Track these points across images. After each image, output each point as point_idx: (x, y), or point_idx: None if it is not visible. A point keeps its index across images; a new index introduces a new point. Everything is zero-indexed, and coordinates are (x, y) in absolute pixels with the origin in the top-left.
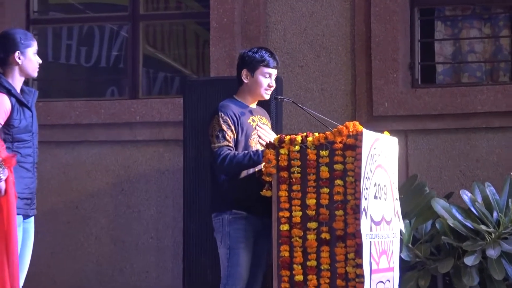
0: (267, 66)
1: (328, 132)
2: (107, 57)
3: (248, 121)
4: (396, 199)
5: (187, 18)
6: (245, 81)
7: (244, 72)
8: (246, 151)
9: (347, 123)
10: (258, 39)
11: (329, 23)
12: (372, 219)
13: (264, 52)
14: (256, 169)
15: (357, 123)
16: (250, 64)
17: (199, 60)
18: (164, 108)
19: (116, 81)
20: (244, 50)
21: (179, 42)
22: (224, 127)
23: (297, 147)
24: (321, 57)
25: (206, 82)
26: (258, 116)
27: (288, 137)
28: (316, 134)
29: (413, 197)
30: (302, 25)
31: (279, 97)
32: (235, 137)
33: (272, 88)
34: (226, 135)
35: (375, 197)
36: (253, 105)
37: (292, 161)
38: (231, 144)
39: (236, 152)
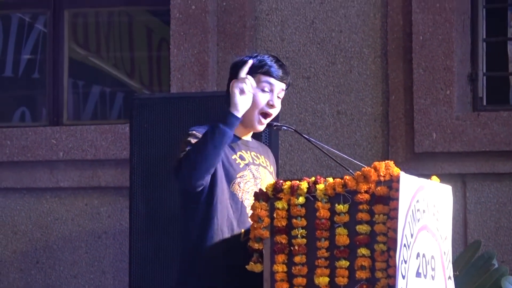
0: (268, 74)
1: (348, 177)
2: (14, 63)
3: (233, 157)
4: (450, 277)
5: (135, 5)
6: None
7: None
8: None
9: (376, 163)
10: (242, 36)
11: (349, 13)
12: None
13: (267, 56)
14: (243, 231)
15: (391, 163)
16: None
17: (154, 67)
18: (101, 139)
19: (28, 98)
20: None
21: (123, 40)
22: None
23: (301, 199)
24: (337, 64)
25: (164, 101)
26: (252, 153)
27: (287, 183)
28: (330, 180)
29: (475, 274)
30: (309, 16)
31: (275, 123)
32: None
33: (275, 111)
34: None
35: (418, 275)
36: (246, 137)
37: (294, 220)
38: None
39: None
